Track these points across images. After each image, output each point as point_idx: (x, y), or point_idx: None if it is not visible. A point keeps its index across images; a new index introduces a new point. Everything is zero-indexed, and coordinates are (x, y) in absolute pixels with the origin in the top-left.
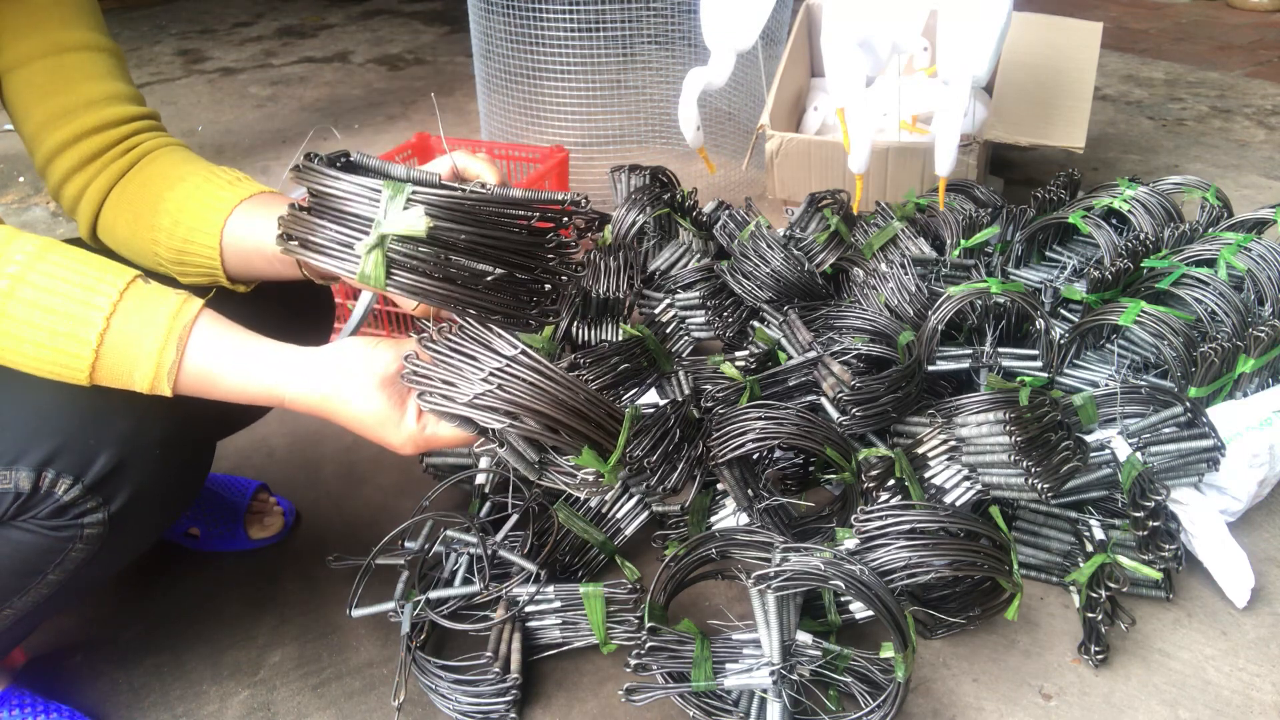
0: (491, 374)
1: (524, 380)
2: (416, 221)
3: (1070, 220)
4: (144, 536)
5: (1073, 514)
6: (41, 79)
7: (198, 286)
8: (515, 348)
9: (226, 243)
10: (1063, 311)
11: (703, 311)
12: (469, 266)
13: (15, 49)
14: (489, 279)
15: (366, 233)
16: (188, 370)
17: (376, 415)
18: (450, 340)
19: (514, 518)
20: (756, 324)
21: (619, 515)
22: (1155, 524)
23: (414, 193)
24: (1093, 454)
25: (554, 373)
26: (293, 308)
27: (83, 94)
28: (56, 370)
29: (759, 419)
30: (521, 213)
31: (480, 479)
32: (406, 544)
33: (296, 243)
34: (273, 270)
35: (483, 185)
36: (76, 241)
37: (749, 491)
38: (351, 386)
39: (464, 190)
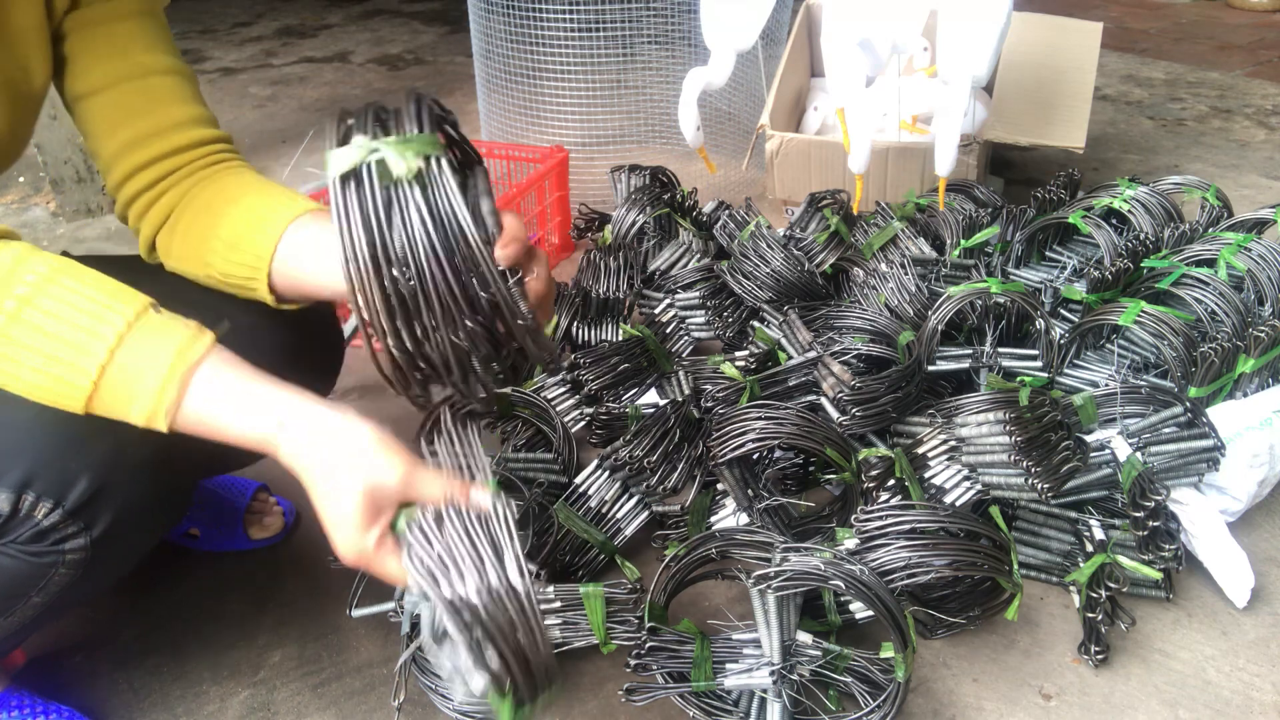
0: (491, 591)
1: (510, 614)
2: None
3: (1070, 220)
4: (129, 558)
5: (1073, 514)
6: (130, 101)
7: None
8: (524, 579)
9: (276, 264)
10: (1063, 311)
11: (703, 311)
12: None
13: (99, 72)
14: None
15: None
16: (186, 412)
17: (341, 515)
18: (462, 530)
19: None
20: (756, 324)
21: (619, 515)
22: (1155, 524)
23: None
24: (1093, 454)
25: (537, 624)
26: (303, 334)
27: (170, 116)
28: (51, 398)
29: (759, 419)
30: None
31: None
32: None
33: None
34: (311, 290)
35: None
36: (96, 260)
37: (749, 491)
38: (336, 476)
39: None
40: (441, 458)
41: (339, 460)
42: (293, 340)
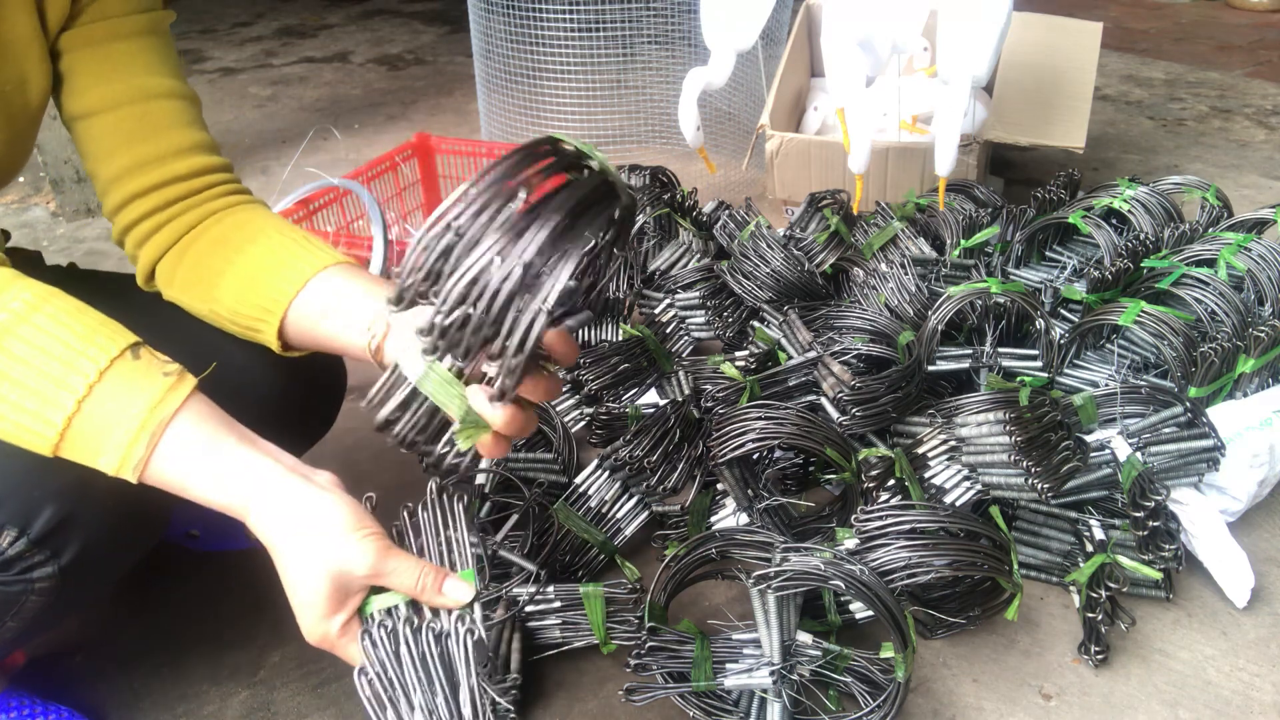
0: None
1: None
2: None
3: (1070, 220)
4: (103, 583)
5: (1073, 514)
6: (128, 125)
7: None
8: (478, 716)
9: (292, 311)
10: (1063, 311)
11: (703, 311)
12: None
13: (96, 94)
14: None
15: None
16: (153, 470)
17: (307, 600)
18: (419, 654)
19: (514, 518)
20: (756, 324)
21: (619, 515)
22: (1155, 524)
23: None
24: (1093, 454)
25: None
26: (303, 380)
27: (169, 143)
28: (18, 441)
29: (759, 419)
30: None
31: (480, 479)
32: None
33: None
34: (328, 345)
35: None
36: (93, 277)
37: (749, 491)
38: (304, 559)
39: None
40: (423, 533)
41: (308, 543)
42: (290, 388)
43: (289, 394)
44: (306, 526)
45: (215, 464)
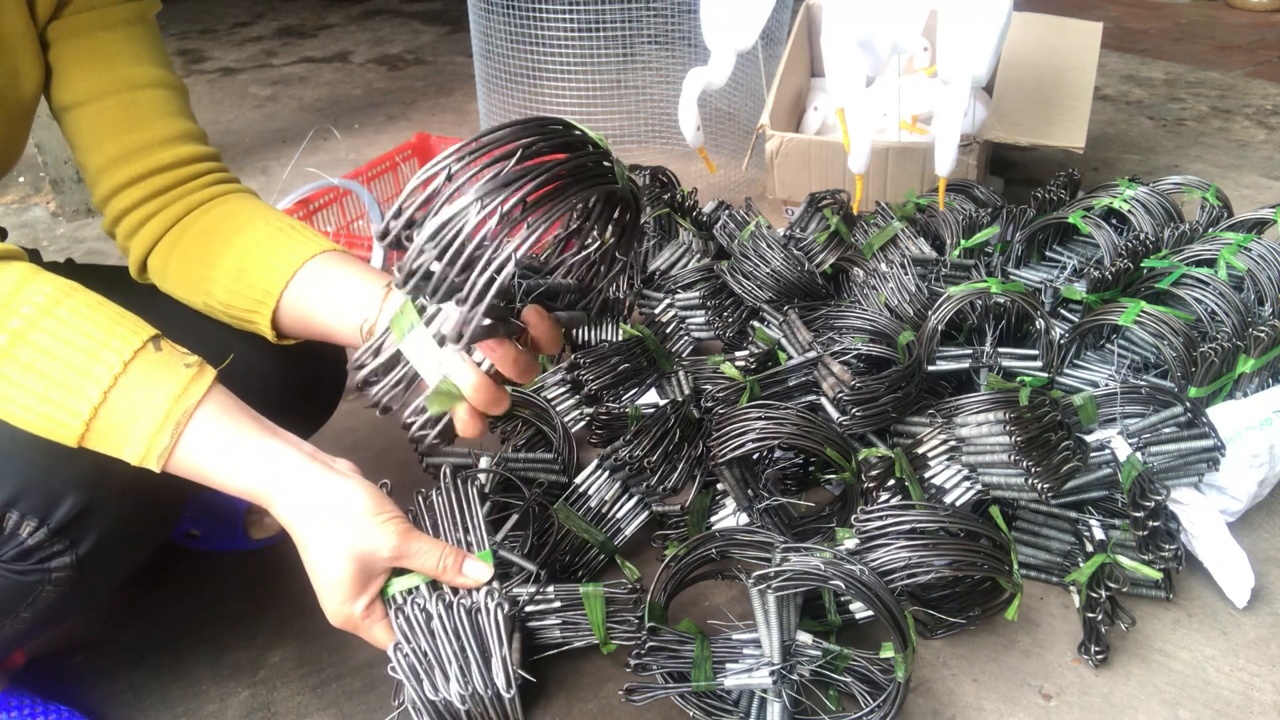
0: (475, 698)
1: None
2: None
3: (1070, 220)
4: (117, 574)
5: (1073, 514)
6: (115, 115)
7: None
8: (511, 686)
9: (285, 300)
10: (1063, 311)
11: (703, 311)
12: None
13: (84, 84)
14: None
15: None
16: (178, 459)
17: (331, 583)
18: (451, 627)
19: (514, 518)
20: (756, 324)
21: (619, 515)
22: (1155, 524)
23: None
24: (1093, 454)
25: None
26: (304, 370)
27: (157, 132)
28: (44, 432)
29: (759, 419)
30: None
31: (480, 479)
32: None
33: None
34: (320, 332)
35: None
36: (100, 271)
37: (749, 491)
38: (327, 543)
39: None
40: (438, 516)
41: (331, 527)
42: (291, 375)
43: (290, 382)
44: (329, 513)
45: (238, 453)
